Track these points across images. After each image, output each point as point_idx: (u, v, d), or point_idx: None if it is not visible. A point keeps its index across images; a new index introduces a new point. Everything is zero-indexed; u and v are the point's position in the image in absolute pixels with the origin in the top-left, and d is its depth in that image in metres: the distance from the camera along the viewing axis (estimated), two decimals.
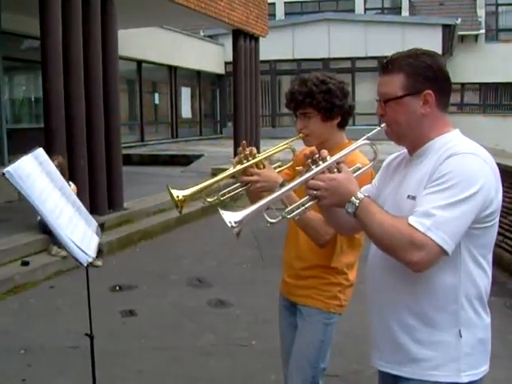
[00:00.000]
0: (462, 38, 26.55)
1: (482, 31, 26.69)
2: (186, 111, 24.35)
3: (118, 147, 9.53)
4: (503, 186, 2.04)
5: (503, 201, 2.04)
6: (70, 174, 8.21)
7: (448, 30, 24.47)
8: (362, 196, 1.93)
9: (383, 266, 2.05)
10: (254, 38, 15.20)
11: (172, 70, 22.55)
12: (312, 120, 2.74)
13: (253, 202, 2.64)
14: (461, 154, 1.90)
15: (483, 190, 1.87)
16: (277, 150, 2.74)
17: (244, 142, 2.72)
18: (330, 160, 1.99)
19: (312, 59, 25.45)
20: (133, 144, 19.57)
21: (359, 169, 2.15)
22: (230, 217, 1.90)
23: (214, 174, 13.44)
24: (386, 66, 2.06)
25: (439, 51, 24.24)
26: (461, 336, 1.95)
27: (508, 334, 5.16)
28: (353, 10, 28.01)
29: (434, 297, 1.95)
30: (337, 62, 25.43)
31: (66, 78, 8.21)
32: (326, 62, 25.51)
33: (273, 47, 22.10)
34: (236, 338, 5.22)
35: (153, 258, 8.11)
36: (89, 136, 8.68)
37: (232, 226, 1.88)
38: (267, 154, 2.70)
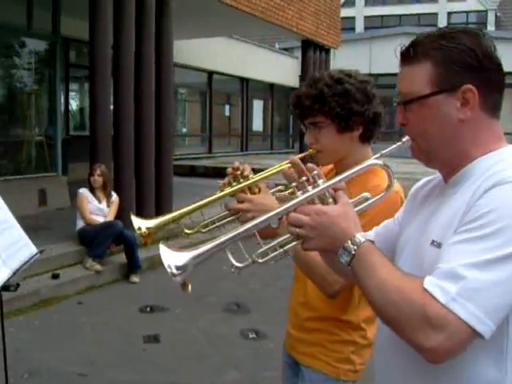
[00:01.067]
0: None
1: None
2: (257, 124, 24.00)
3: (168, 158, 9.13)
4: None
5: None
6: (115, 184, 7.87)
7: None
8: (363, 240, 1.34)
9: (393, 345, 1.41)
10: (325, 50, 14.57)
11: (244, 81, 22.22)
12: (324, 131, 2.10)
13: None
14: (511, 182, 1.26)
15: None
16: (277, 170, 2.11)
17: (237, 162, 2.15)
18: (324, 185, 1.41)
19: (389, 74, 24.57)
20: (200, 155, 19.32)
21: (366, 200, 1.54)
22: (172, 258, 1.36)
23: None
24: (408, 51, 1.45)
25: None
26: None
27: None
28: (435, 25, 26.96)
29: None
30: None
31: (115, 84, 7.89)
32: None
33: (348, 60, 21.50)
34: (264, 377, 4.61)
35: (194, 277, 7.58)
36: (137, 146, 8.29)
37: (172, 274, 1.34)
38: (265, 175, 2.12)
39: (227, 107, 22.21)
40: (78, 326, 5.61)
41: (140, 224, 2.02)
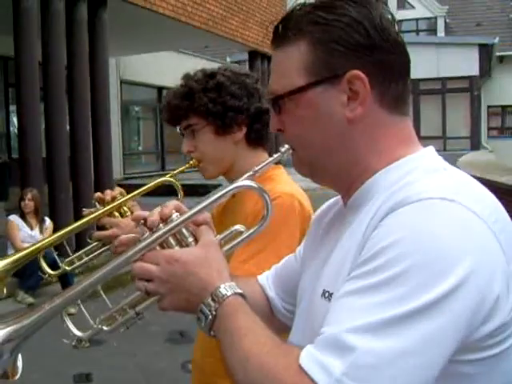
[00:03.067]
0: (501, 58, 25.25)
1: None
2: None
3: (109, 179, 8.66)
4: None
5: None
6: (50, 209, 7.40)
7: (485, 50, 23.33)
8: (228, 294, 0.99)
9: None
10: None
11: None
12: (201, 135, 1.77)
13: None
14: (421, 200, 0.89)
15: (471, 281, 0.85)
16: (147, 187, 1.85)
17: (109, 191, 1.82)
18: (179, 219, 1.07)
19: None
20: (153, 173, 18.85)
21: (241, 233, 1.17)
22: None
23: None
24: (276, 30, 1.08)
25: (475, 72, 23.06)
26: None
27: None
28: None
29: None
30: None
31: (46, 102, 7.42)
32: None
33: None
34: None
35: None
36: (74, 168, 7.83)
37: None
38: (137, 192, 1.80)
39: None
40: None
41: None
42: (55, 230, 6.98)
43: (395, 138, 1.04)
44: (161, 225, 1.07)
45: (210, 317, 0.99)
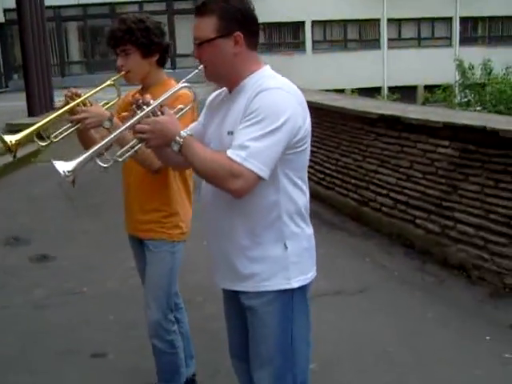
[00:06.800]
0: None
1: None
2: None
3: None
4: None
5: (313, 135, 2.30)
6: None
7: None
8: (185, 135, 2.10)
9: (215, 198, 2.26)
10: None
11: None
12: (132, 57, 2.88)
13: (83, 141, 2.81)
14: (268, 89, 2.12)
15: (290, 120, 2.09)
16: (100, 88, 2.86)
17: (72, 88, 2.80)
18: (154, 104, 2.13)
19: (98, 4, 24.68)
20: None
21: (182, 110, 2.33)
22: (63, 166, 1.99)
23: (10, 131, 12.65)
24: (199, 8, 2.22)
25: None
26: (286, 248, 2.22)
27: None
28: None
29: (260, 216, 2.20)
30: (124, 6, 24.91)
31: None
32: (112, 6, 24.90)
33: None
34: (67, 287, 5.23)
35: None
36: None
37: (66, 176, 1.98)
38: (91, 93, 2.82)
39: None
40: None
41: (10, 138, 2.55)
42: None
43: (253, 61, 2.26)
44: (144, 106, 2.10)
45: (179, 145, 2.09)
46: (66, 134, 2.71)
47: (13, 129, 12.53)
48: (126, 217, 3.15)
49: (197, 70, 2.27)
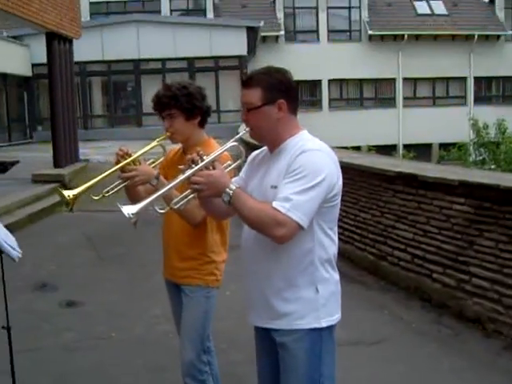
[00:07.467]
0: (264, 38, 27.67)
1: (282, 32, 28.32)
2: None
3: None
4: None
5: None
6: None
7: (252, 32, 25.60)
8: (234, 187, 2.39)
9: (256, 243, 2.52)
10: (68, 41, 15.03)
11: None
12: (176, 120, 3.18)
13: (131, 196, 3.06)
14: (309, 151, 2.44)
15: (328, 177, 2.40)
16: (148, 149, 3.14)
17: (122, 147, 3.08)
18: (207, 160, 2.42)
19: (122, 60, 25.45)
20: None
21: (230, 165, 2.64)
22: (128, 210, 2.29)
23: (35, 181, 13.10)
24: (246, 81, 2.55)
25: (244, 52, 25.44)
26: (318, 291, 2.48)
27: None
28: (159, 11, 28.30)
29: (296, 262, 2.46)
30: (147, 63, 25.70)
31: None
32: (136, 63, 25.65)
33: (81, 48, 21.78)
34: (96, 332, 5.44)
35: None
36: None
37: (130, 217, 2.28)
38: (141, 153, 3.09)
39: None
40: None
41: (68, 193, 2.81)
42: None
43: (293, 125, 2.58)
44: (199, 161, 2.38)
45: (229, 196, 2.38)
46: (116, 189, 2.99)
47: (39, 179, 13.05)
48: (165, 263, 3.39)
49: (244, 132, 2.61)
